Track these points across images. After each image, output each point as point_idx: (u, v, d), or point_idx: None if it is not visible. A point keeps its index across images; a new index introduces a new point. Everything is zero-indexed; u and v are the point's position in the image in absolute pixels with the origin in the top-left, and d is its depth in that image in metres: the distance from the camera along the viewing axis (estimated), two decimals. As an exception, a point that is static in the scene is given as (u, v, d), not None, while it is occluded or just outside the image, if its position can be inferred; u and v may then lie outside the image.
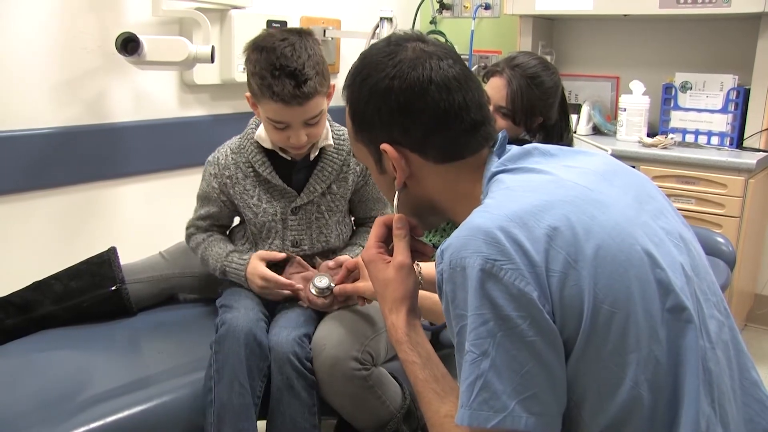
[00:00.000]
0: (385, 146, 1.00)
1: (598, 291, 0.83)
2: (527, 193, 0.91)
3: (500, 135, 1.02)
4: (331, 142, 1.62)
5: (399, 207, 1.08)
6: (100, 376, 1.44)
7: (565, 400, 0.86)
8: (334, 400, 1.45)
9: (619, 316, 0.83)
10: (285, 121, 1.48)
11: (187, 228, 1.71)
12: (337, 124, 1.67)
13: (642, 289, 0.85)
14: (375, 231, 1.14)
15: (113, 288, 1.68)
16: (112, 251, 1.75)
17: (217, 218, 1.68)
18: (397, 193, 1.06)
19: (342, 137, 1.65)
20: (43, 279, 1.70)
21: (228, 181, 1.61)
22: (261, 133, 1.58)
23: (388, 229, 1.13)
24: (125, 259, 1.76)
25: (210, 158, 1.66)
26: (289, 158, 1.60)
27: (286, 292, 1.56)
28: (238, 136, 1.65)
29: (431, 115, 0.98)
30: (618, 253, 0.85)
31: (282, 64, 1.42)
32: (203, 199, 1.67)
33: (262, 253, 1.61)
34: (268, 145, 1.58)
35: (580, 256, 0.84)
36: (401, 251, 1.10)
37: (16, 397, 1.37)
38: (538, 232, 0.85)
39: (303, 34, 1.51)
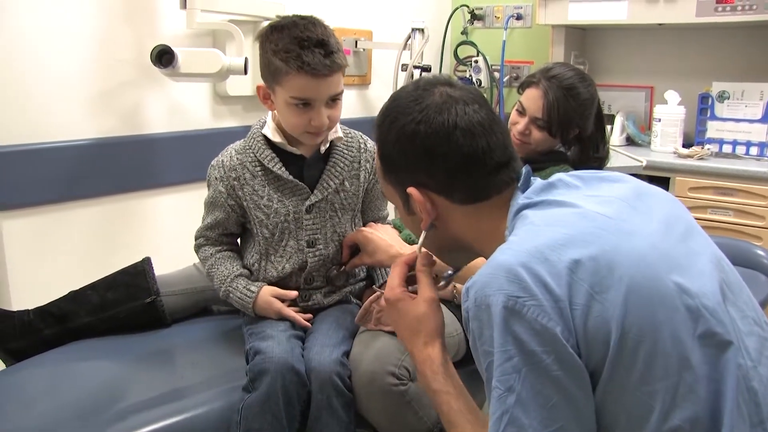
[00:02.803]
0: (411, 190, 1.04)
1: (623, 321, 0.84)
2: (549, 227, 0.93)
3: (524, 170, 1.04)
4: (340, 134, 1.58)
5: (428, 246, 1.10)
6: (134, 387, 1.44)
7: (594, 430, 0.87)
8: (370, 415, 1.44)
9: (645, 344, 0.83)
10: (310, 98, 1.44)
11: (196, 238, 1.65)
12: (341, 124, 1.63)
13: (669, 317, 0.85)
14: (399, 271, 1.17)
15: (149, 300, 1.69)
16: (147, 261, 1.75)
17: (225, 226, 1.61)
18: (424, 233, 1.08)
19: (349, 135, 1.63)
20: (80, 289, 1.71)
21: (236, 183, 1.56)
22: (268, 128, 1.55)
23: (410, 268, 1.17)
24: (159, 268, 1.77)
25: (213, 162, 1.60)
26: (298, 153, 1.55)
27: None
28: (242, 140, 1.61)
29: (455, 159, 1.00)
30: (643, 281, 0.86)
31: (308, 35, 1.41)
32: (210, 205, 1.61)
33: (274, 289, 1.57)
34: (276, 138, 1.53)
35: (603, 287, 0.85)
36: (429, 287, 1.13)
37: (52, 406, 1.37)
38: (559, 266, 0.86)
39: (314, 16, 1.49)
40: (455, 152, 1.00)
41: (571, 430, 0.85)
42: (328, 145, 1.58)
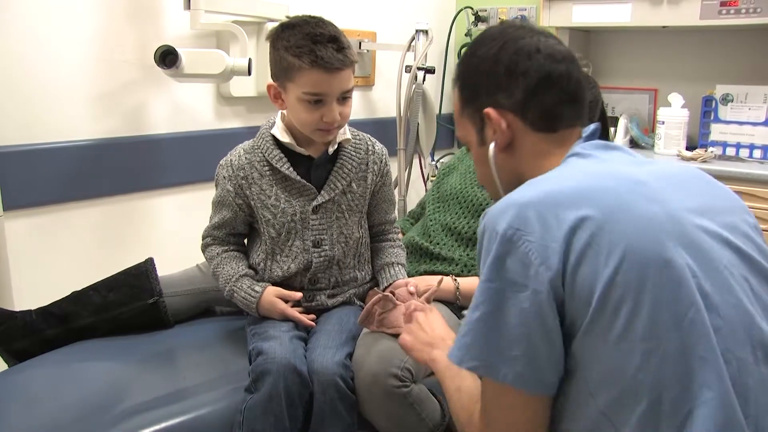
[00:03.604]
0: (488, 110, 1.07)
1: (612, 276, 0.87)
2: (576, 177, 0.98)
3: (592, 126, 1.09)
4: (349, 136, 1.60)
5: (499, 174, 1.11)
6: (136, 388, 1.44)
7: (549, 375, 0.92)
8: (373, 416, 1.44)
9: (628, 304, 0.86)
10: (322, 93, 1.46)
11: (204, 237, 1.66)
12: (351, 127, 1.65)
13: (658, 283, 0.86)
14: None
15: (151, 301, 1.69)
16: (150, 262, 1.75)
17: (233, 225, 1.63)
18: (493, 159, 1.09)
19: (358, 137, 1.64)
20: (82, 290, 1.71)
21: (243, 182, 1.57)
22: (277, 128, 1.56)
23: None
24: (162, 269, 1.77)
25: (222, 162, 1.62)
26: (307, 154, 1.57)
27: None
28: (251, 139, 1.62)
29: (535, 77, 1.05)
30: (644, 244, 0.88)
31: (320, 32, 1.44)
32: (218, 204, 1.63)
33: (278, 289, 1.58)
34: (285, 138, 1.54)
35: (602, 241, 0.88)
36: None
37: (54, 407, 1.38)
38: (569, 214, 0.90)
39: (323, 18, 1.52)
40: (536, 70, 1.05)
41: (523, 365, 0.91)
42: (336, 146, 1.58)
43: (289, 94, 1.50)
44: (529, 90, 1.05)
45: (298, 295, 1.58)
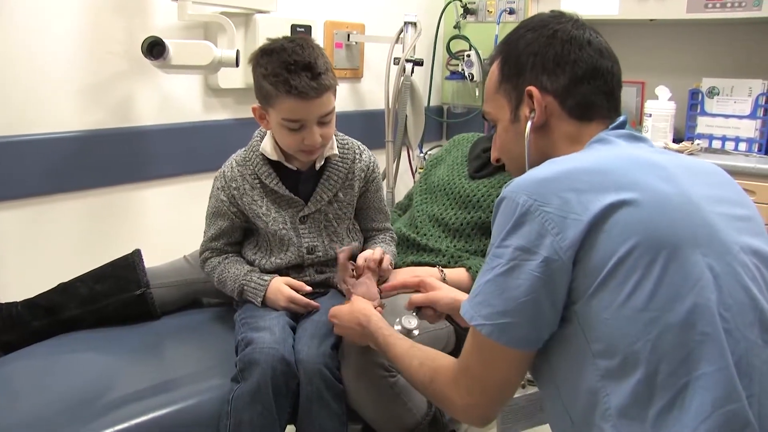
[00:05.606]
0: (531, 88, 1.11)
1: (627, 252, 0.90)
2: (594, 158, 1.02)
3: (621, 118, 1.12)
4: (336, 151, 1.62)
5: (530, 153, 1.13)
6: (124, 379, 1.45)
7: (545, 334, 0.98)
8: (360, 406, 1.44)
9: (637, 275, 0.89)
10: (301, 119, 1.48)
11: (201, 253, 1.69)
12: (342, 134, 1.67)
13: (668, 259, 0.90)
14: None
15: (138, 292, 1.69)
16: (137, 254, 1.75)
17: (230, 234, 1.66)
18: (527, 135, 1.12)
19: (346, 146, 1.66)
20: (69, 281, 1.71)
21: (236, 192, 1.60)
22: (266, 146, 1.59)
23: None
24: (149, 261, 1.77)
25: (217, 174, 1.66)
26: (295, 168, 1.60)
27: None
28: (243, 149, 1.65)
29: (582, 67, 1.09)
30: (659, 222, 0.91)
31: (296, 59, 1.45)
32: (212, 216, 1.65)
33: (286, 278, 1.60)
34: (274, 156, 1.58)
35: (621, 219, 0.91)
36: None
37: (40, 399, 1.37)
38: (584, 187, 0.94)
39: (305, 37, 1.54)
40: (584, 61, 1.09)
41: (526, 330, 0.96)
42: (323, 161, 1.62)
43: (271, 118, 1.53)
44: (575, 78, 1.09)
45: (308, 288, 1.59)
